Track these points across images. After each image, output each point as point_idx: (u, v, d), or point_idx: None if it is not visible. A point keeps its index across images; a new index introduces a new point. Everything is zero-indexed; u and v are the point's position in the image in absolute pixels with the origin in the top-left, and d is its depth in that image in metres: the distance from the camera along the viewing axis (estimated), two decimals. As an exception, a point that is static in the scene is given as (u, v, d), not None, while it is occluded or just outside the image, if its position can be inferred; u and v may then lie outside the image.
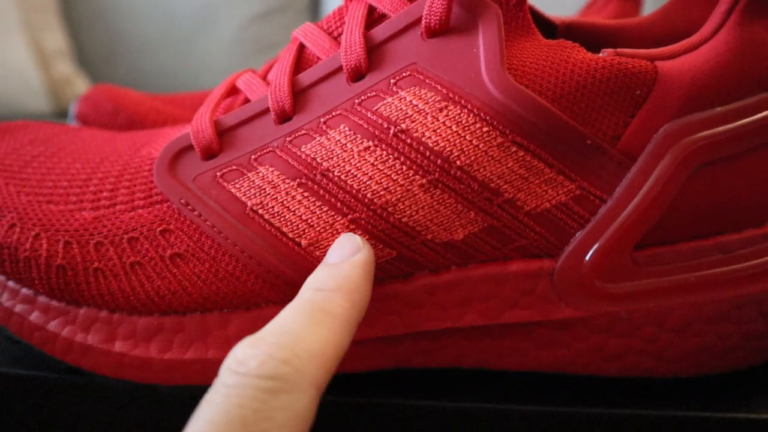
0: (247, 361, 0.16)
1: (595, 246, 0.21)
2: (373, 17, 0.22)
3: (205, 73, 0.99)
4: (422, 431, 0.22)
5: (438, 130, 0.20)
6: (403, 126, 0.20)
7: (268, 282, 0.21)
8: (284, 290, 0.21)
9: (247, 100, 0.24)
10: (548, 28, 0.26)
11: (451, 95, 0.20)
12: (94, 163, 0.25)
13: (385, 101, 0.21)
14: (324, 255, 0.21)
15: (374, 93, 0.21)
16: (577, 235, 0.21)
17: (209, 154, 0.22)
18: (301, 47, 0.23)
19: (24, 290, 0.22)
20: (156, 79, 0.99)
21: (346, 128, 0.21)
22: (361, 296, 0.19)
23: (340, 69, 0.22)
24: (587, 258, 0.21)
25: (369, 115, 0.21)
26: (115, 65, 1.01)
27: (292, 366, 0.16)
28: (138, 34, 0.99)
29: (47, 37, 0.93)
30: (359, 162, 0.20)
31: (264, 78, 0.24)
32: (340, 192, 0.21)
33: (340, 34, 0.23)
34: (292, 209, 0.21)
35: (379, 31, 0.21)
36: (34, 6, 0.92)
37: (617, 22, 0.26)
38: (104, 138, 0.27)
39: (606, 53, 0.20)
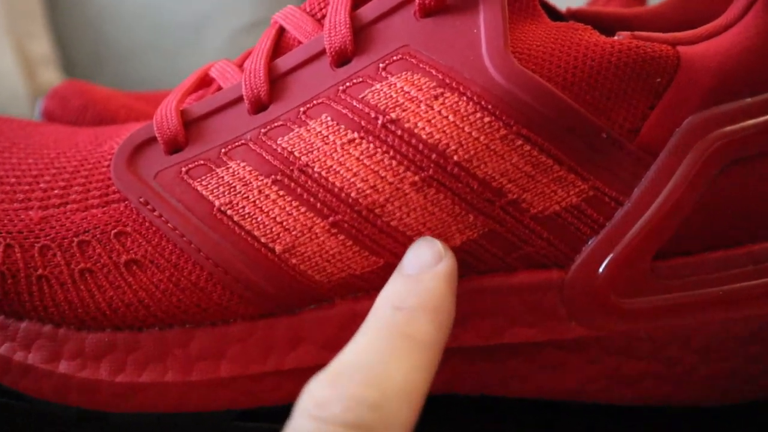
0: (329, 405, 0.13)
1: (611, 255, 0.18)
2: (361, -3, 0.20)
3: (194, 83, 0.97)
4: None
5: (433, 121, 0.18)
6: (393, 115, 0.18)
7: (236, 293, 0.19)
8: (255, 303, 0.19)
9: (219, 89, 0.21)
10: (552, 16, 0.24)
11: (447, 81, 0.18)
12: (48, 158, 0.22)
13: (372, 88, 0.18)
14: (301, 263, 0.18)
15: (361, 79, 0.18)
16: (589, 242, 0.18)
17: (174, 147, 0.19)
18: (281, 31, 0.21)
19: (-42, 300, 0.20)
20: (144, 88, 0.97)
21: (329, 118, 0.18)
22: (448, 315, 0.16)
23: (322, 52, 0.19)
24: (601, 269, 0.18)
25: (354, 103, 0.18)
26: (103, 73, 0.98)
27: (382, 412, 0.13)
28: (126, 43, 0.97)
29: (33, 44, 0.91)
30: (343, 156, 0.18)
31: (240, 66, 0.22)
32: (321, 191, 0.18)
33: (323, 16, 0.20)
34: (266, 210, 0.18)
35: (368, 11, 0.19)
36: (20, 12, 0.90)
37: (628, 10, 0.24)
38: (65, 132, 0.25)
39: (622, 36, 0.18)
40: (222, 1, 0.96)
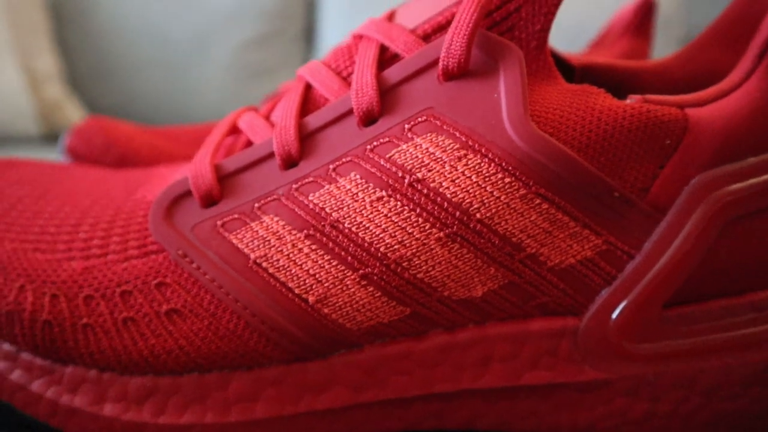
0: None
1: (622, 304, 0.19)
2: (385, 57, 0.21)
3: (199, 97, 0.98)
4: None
5: (457, 180, 0.19)
6: (419, 175, 0.19)
7: (272, 341, 0.20)
8: (290, 350, 0.20)
9: (249, 142, 0.22)
10: (564, 67, 0.25)
11: (470, 143, 0.19)
12: (84, 207, 0.23)
13: (399, 148, 0.19)
14: (333, 312, 0.19)
15: (387, 139, 0.19)
16: (602, 292, 0.19)
17: (209, 201, 0.21)
18: (308, 87, 0.22)
19: (5, 346, 0.21)
20: (149, 103, 0.98)
21: (358, 176, 0.19)
22: None
23: (350, 112, 0.20)
24: (614, 317, 0.19)
25: (382, 162, 0.19)
26: (108, 89, 0.99)
27: None
28: (131, 58, 0.98)
29: (38, 60, 0.92)
30: (372, 213, 0.19)
31: (267, 118, 0.23)
32: (351, 245, 0.19)
33: (349, 74, 0.22)
34: (299, 263, 0.19)
35: (392, 73, 0.20)
36: (26, 28, 0.91)
37: (635, 63, 0.25)
38: (95, 178, 0.26)
39: (633, 99, 0.19)
40: (226, 16, 0.98)
